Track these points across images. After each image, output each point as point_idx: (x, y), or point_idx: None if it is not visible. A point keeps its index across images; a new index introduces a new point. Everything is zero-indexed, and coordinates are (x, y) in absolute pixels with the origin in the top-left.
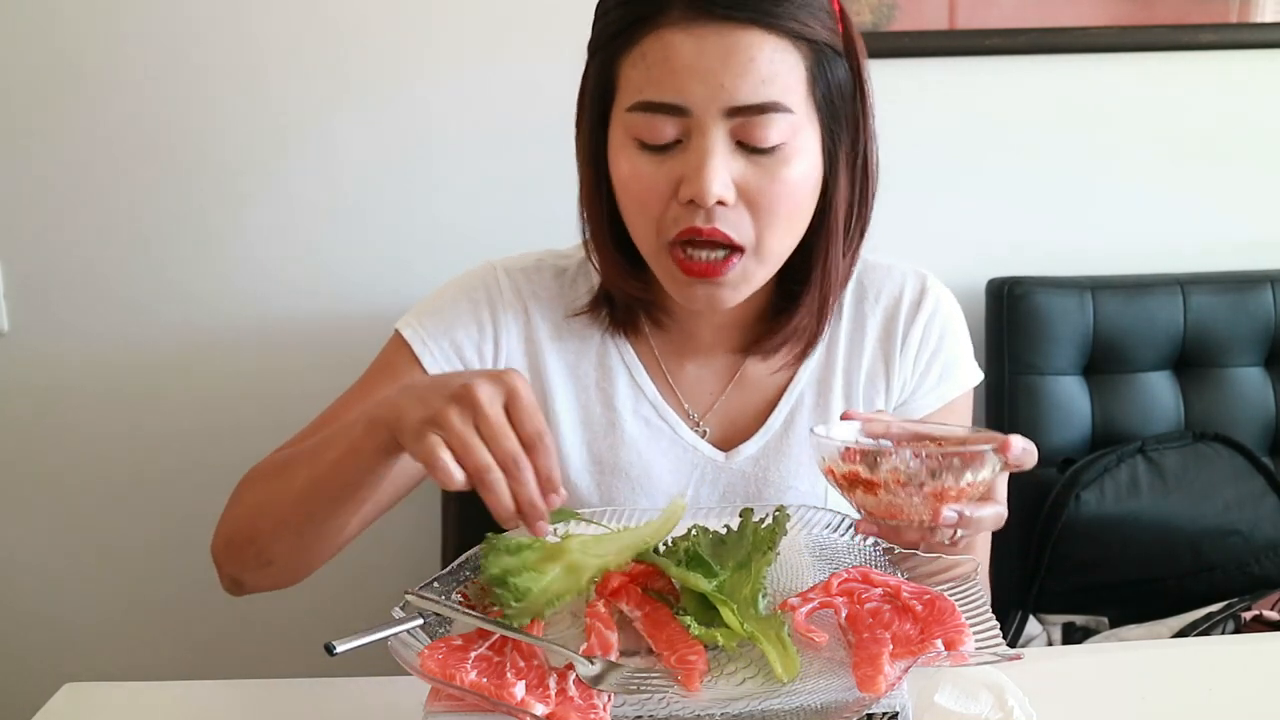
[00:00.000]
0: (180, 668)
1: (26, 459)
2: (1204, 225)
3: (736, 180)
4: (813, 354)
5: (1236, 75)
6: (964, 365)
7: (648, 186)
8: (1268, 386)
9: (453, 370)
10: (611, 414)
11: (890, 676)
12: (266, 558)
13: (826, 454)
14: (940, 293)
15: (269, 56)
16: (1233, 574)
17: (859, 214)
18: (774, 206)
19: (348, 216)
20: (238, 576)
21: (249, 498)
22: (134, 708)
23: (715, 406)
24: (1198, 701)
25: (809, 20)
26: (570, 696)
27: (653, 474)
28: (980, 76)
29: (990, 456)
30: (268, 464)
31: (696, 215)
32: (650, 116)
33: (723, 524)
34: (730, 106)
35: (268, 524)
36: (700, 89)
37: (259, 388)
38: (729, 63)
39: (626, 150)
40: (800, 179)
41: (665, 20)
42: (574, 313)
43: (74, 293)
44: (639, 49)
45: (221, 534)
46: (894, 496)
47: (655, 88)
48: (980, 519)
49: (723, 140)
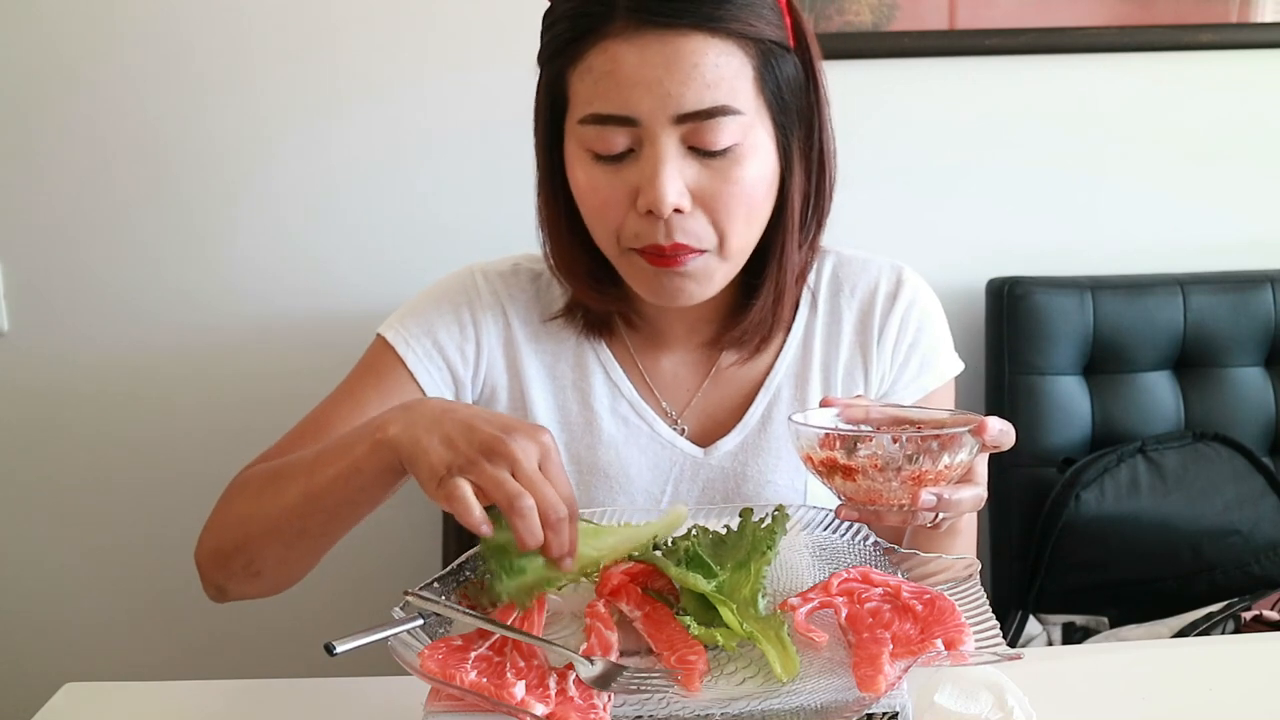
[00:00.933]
0: (180, 668)
1: (26, 459)
2: (1204, 225)
3: (691, 185)
4: (788, 347)
5: (1236, 75)
6: (943, 356)
7: (605, 198)
8: (1268, 386)
9: (437, 369)
10: (589, 413)
11: (890, 676)
12: (255, 568)
13: (804, 441)
14: (916, 284)
15: (265, 59)
16: (1233, 574)
17: (816, 204)
18: (731, 207)
19: (345, 218)
20: (223, 585)
21: (238, 507)
22: (134, 708)
23: (693, 403)
24: (1198, 701)
25: (753, 19)
26: (570, 696)
27: (630, 472)
28: (980, 76)
29: (967, 439)
30: (256, 473)
31: (656, 227)
32: (601, 129)
33: (722, 524)
34: (678, 114)
35: (258, 535)
36: (647, 99)
37: (258, 388)
38: (673, 70)
39: (582, 162)
40: (755, 177)
41: (609, 31)
42: (550, 317)
43: (74, 293)
44: (585, 62)
45: (207, 542)
46: (872, 481)
47: (603, 100)
48: (960, 501)
49: (674, 147)
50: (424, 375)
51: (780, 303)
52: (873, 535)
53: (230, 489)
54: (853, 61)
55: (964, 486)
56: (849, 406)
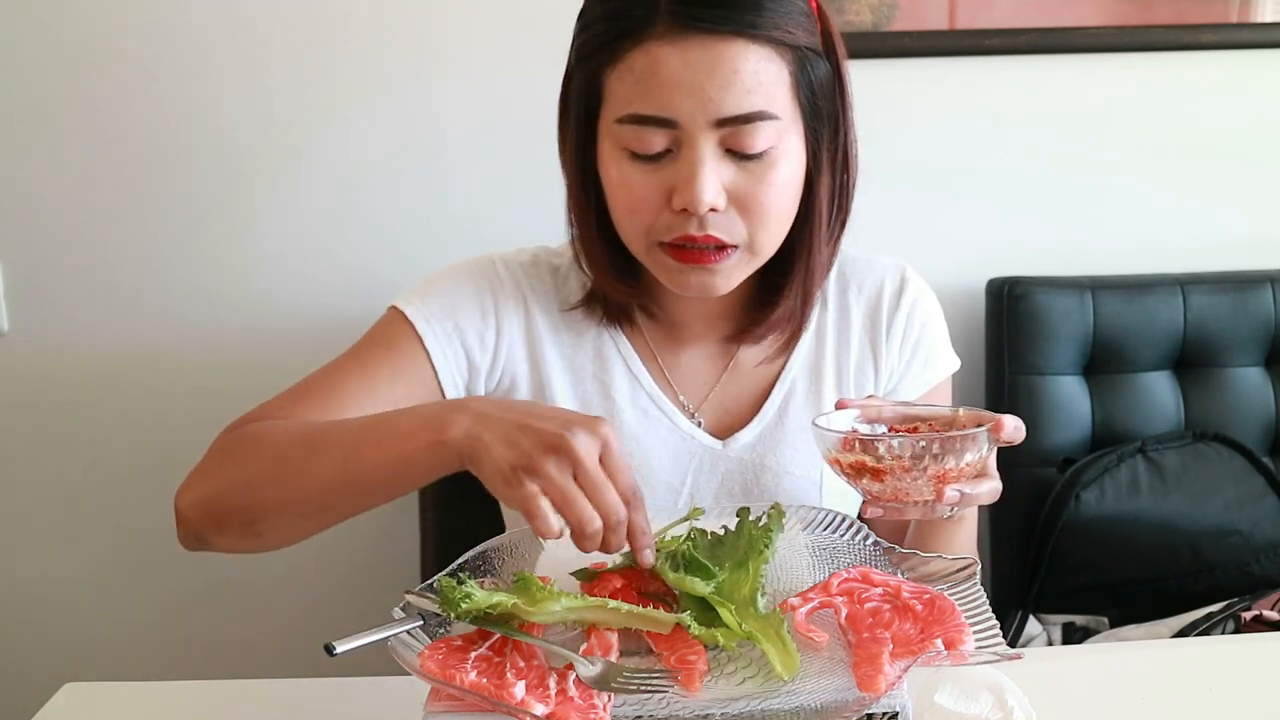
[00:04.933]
0: (180, 668)
1: (26, 459)
2: (1204, 225)
3: (726, 186)
4: (802, 342)
5: (1236, 75)
6: (943, 352)
7: (639, 195)
8: (1268, 386)
9: (454, 352)
10: (610, 405)
11: (890, 676)
12: (258, 530)
13: (831, 445)
14: (919, 283)
15: (270, 54)
16: (1233, 574)
17: (840, 205)
18: (764, 208)
19: (349, 215)
20: (206, 537)
21: (249, 467)
22: (134, 708)
23: (710, 396)
24: (1198, 701)
25: (791, 26)
26: (570, 696)
27: (651, 464)
28: (980, 76)
29: (985, 436)
30: (271, 434)
31: (689, 222)
32: (639, 128)
33: (720, 525)
34: (718, 118)
35: (274, 502)
36: (688, 102)
37: (260, 387)
38: (714, 75)
39: (617, 160)
40: (787, 180)
41: (651, 33)
42: (570, 306)
43: (74, 293)
44: (625, 62)
45: (197, 490)
46: (899, 481)
47: (643, 101)
48: (979, 495)
49: (712, 149)
50: (440, 357)
51: (808, 302)
52: (873, 535)
53: (232, 440)
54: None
55: (982, 480)
56: (864, 406)
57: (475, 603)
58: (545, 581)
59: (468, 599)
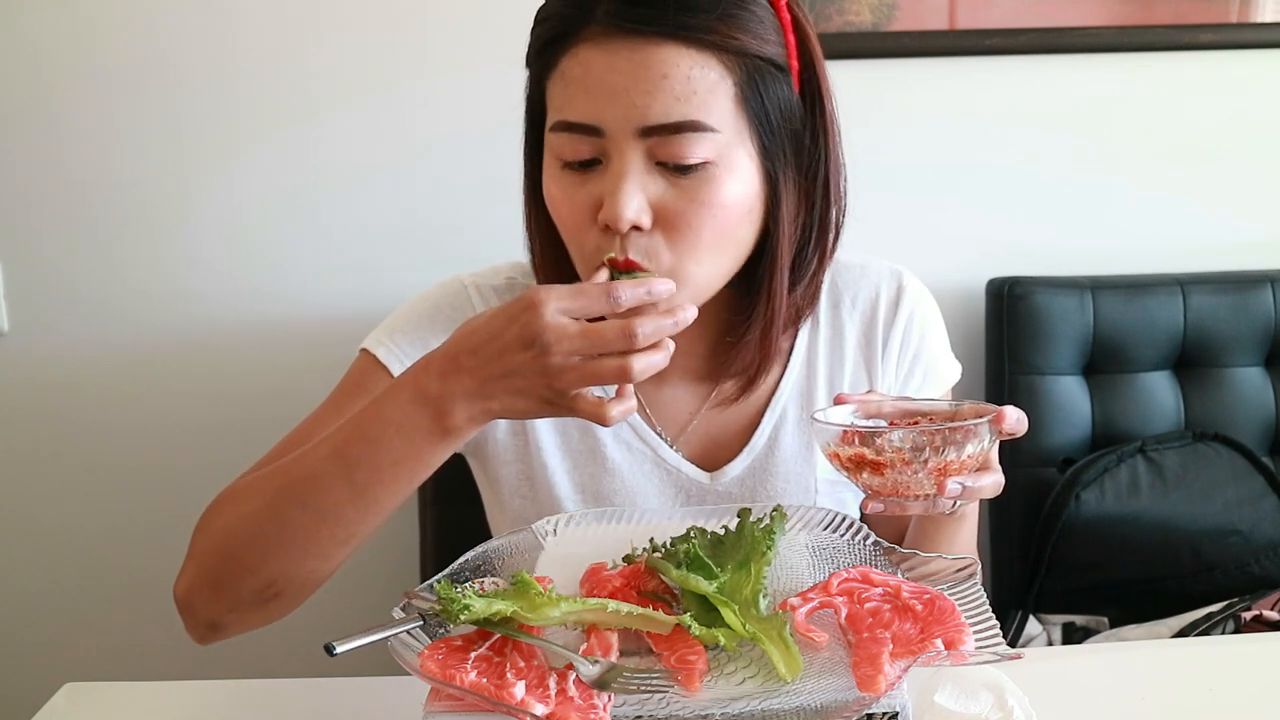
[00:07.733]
0: (180, 668)
1: (26, 459)
2: (1204, 225)
3: (654, 201)
4: (791, 367)
5: (1236, 75)
6: (944, 362)
7: (571, 208)
8: (1268, 386)
9: None
10: (591, 440)
11: (890, 676)
12: (276, 589)
13: (829, 439)
14: (917, 290)
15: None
16: (1233, 574)
17: (817, 241)
18: (695, 230)
19: (350, 217)
20: (220, 620)
21: (246, 528)
22: (134, 708)
23: (693, 428)
24: (1198, 701)
25: (737, 33)
26: (570, 696)
27: (638, 500)
28: (980, 76)
29: (986, 429)
30: (252, 491)
31: (614, 242)
32: (569, 136)
33: (720, 524)
34: (643, 126)
35: (286, 551)
36: (611, 109)
37: (260, 387)
38: (640, 80)
39: (553, 170)
40: (729, 201)
41: (583, 37)
42: None
43: (74, 293)
44: (560, 67)
45: (195, 576)
46: (900, 475)
47: (571, 107)
48: (981, 488)
49: (638, 161)
50: None
51: (768, 341)
52: (873, 535)
53: (218, 518)
54: (853, 61)
55: (984, 474)
56: (863, 402)
57: (474, 614)
58: (544, 582)
59: (466, 610)
